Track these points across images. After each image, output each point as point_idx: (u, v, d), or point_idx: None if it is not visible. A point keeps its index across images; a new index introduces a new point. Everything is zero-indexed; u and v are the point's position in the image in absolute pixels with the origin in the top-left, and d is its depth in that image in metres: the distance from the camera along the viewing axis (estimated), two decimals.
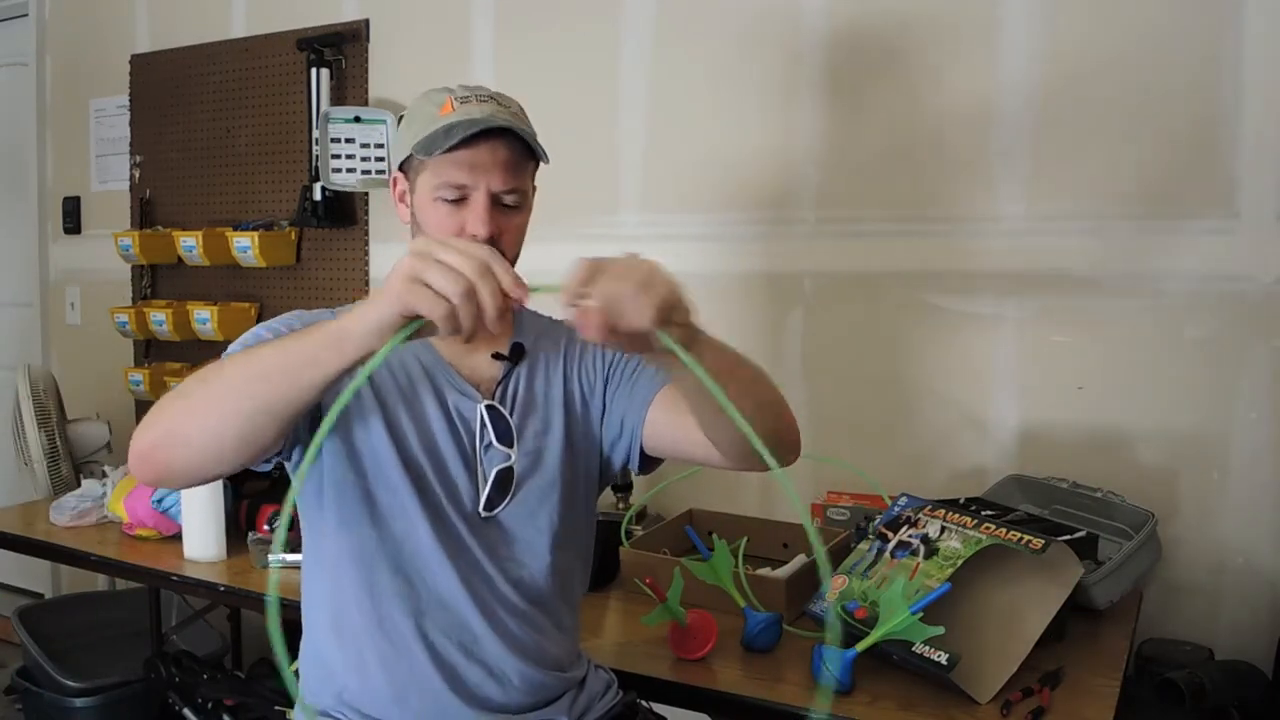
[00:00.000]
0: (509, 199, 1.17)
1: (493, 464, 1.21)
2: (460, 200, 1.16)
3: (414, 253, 0.85)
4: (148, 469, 1.00)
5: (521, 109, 1.22)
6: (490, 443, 1.21)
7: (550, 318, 1.34)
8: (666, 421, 1.20)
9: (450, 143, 1.13)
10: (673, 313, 0.88)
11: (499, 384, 1.24)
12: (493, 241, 1.15)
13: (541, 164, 1.24)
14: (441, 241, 0.86)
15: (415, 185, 1.20)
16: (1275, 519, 1.76)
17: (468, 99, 1.17)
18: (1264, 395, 1.76)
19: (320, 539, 1.22)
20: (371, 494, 1.17)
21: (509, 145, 1.16)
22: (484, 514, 1.21)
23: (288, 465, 1.22)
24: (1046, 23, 1.88)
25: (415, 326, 0.86)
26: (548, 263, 1.46)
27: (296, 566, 1.80)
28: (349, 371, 0.91)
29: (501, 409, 1.22)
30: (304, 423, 1.14)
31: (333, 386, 0.92)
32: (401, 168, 1.22)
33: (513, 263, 1.20)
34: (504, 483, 1.21)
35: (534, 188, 1.25)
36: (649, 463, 1.28)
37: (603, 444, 1.29)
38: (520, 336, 1.28)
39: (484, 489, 1.20)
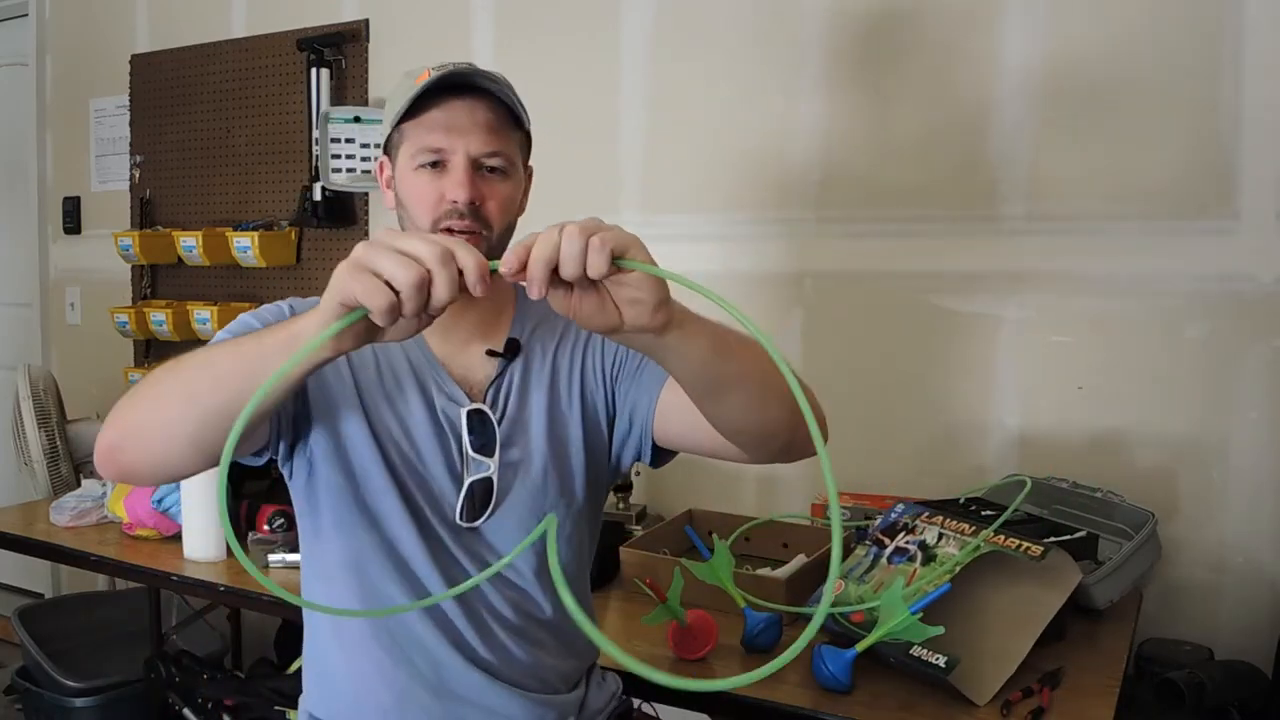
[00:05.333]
0: (492, 163, 1.12)
1: (472, 474, 1.15)
2: (440, 166, 1.11)
3: (369, 241, 0.78)
4: (110, 468, 0.98)
5: (508, 82, 1.15)
6: (473, 449, 1.16)
7: None
8: (678, 413, 1.12)
9: (419, 92, 1.09)
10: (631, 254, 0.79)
11: (492, 384, 1.18)
12: (475, 207, 1.11)
13: (545, 165, 1.22)
14: (406, 234, 0.79)
15: (397, 162, 1.15)
16: (1275, 519, 1.77)
17: (444, 65, 1.11)
18: (1264, 395, 1.76)
19: (317, 543, 1.20)
20: (363, 499, 1.15)
21: (489, 107, 1.12)
22: (464, 524, 1.16)
23: (285, 476, 1.20)
24: (1048, 23, 1.88)
25: (352, 319, 0.78)
26: None
27: (297, 567, 1.82)
28: (310, 374, 0.87)
29: (490, 414, 1.16)
30: (288, 427, 1.13)
31: (293, 390, 0.89)
32: (386, 151, 1.18)
33: (502, 236, 1.15)
34: (484, 494, 1.16)
35: (529, 168, 1.21)
36: (662, 456, 1.21)
37: (611, 443, 1.23)
38: (516, 329, 1.21)
39: (458, 498, 1.15)
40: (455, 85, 1.12)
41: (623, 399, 1.20)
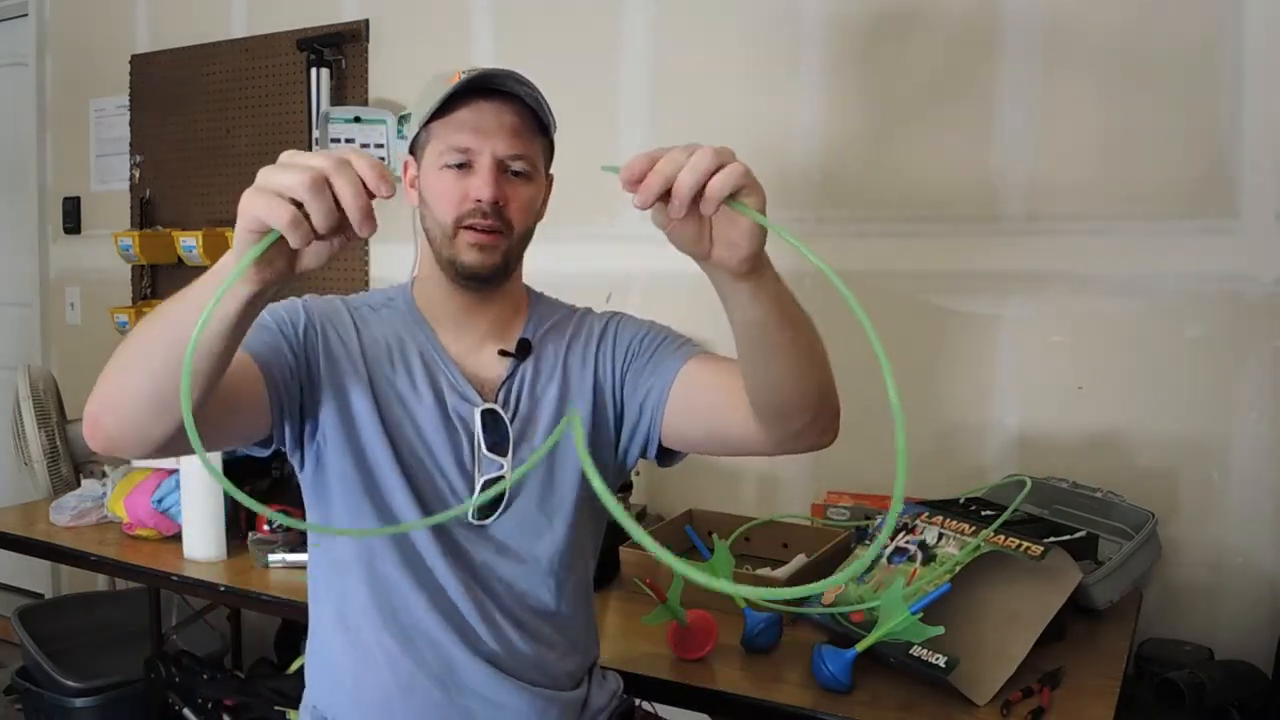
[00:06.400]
0: (516, 166, 1.15)
1: (485, 473, 1.17)
2: (466, 167, 1.14)
3: (268, 167, 0.76)
4: (95, 440, 0.96)
5: (537, 87, 1.18)
6: (487, 448, 1.17)
7: (571, 306, 1.32)
8: (690, 398, 1.15)
9: (452, 90, 1.11)
10: (747, 197, 0.80)
11: (503, 383, 1.21)
12: (498, 207, 1.13)
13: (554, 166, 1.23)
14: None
15: (423, 161, 1.18)
16: (1275, 519, 1.77)
17: (475, 68, 1.15)
18: (1264, 395, 1.76)
19: (325, 535, 1.21)
20: (374, 490, 1.16)
21: (517, 111, 1.15)
22: (476, 522, 1.18)
23: (295, 466, 1.21)
24: (1047, 24, 1.88)
25: (266, 242, 0.76)
26: (548, 263, 1.47)
27: (297, 567, 1.82)
28: (248, 313, 0.84)
29: (502, 413, 1.19)
30: (294, 416, 1.13)
31: (232, 331, 0.85)
32: (412, 151, 1.21)
33: (521, 238, 1.18)
34: (496, 492, 1.18)
35: (549, 175, 1.23)
36: (667, 455, 1.23)
37: (619, 440, 1.24)
38: (528, 330, 1.25)
39: (472, 498, 1.16)
40: (485, 88, 1.14)
41: (632, 389, 1.22)
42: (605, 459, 1.24)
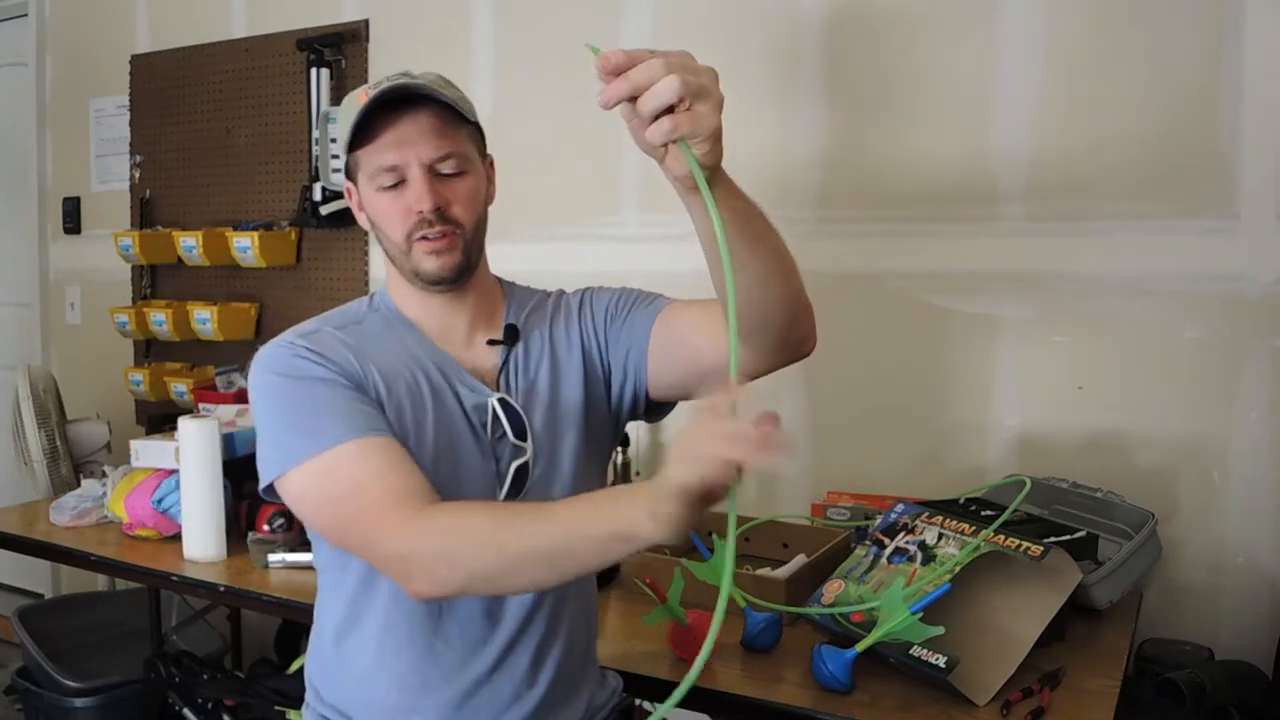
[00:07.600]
0: (445, 167, 1.15)
1: (508, 458, 1.19)
2: (400, 185, 1.14)
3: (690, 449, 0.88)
4: (461, 591, 1.05)
5: (442, 77, 1.18)
6: (504, 435, 1.18)
7: (544, 292, 1.34)
8: (670, 340, 1.19)
9: (363, 114, 1.11)
10: (700, 120, 0.87)
11: (500, 371, 1.23)
12: (441, 212, 1.14)
13: (546, 164, 1.22)
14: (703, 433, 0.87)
15: (360, 186, 1.19)
16: (1275, 519, 1.77)
17: (379, 83, 1.14)
18: (1264, 395, 1.76)
19: (339, 552, 1.19)
20: None
21: (433, 112, 1.15)
22: None
23: None
24: (1046, 21, 1.89)
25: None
26: (550, 262, 1.48)
27: (297, 567, 1.82)
28: None
29: (510, 399, 1.20)
30: None
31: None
32: (350, 176, 1.21)
33: (475, 231, 1.20)
34: (519, 477, 1.19)
35: (488, 157, 1.24)
36: (656, 410, 1.28)
37: (609, 398, 1.27)
38: (510, 316, 1.27)
39: (503, 487, 1.18)
40: (396, 98, 1.13)
41: (615, 350, 1.26)
42: (601, 415, 1.28)
